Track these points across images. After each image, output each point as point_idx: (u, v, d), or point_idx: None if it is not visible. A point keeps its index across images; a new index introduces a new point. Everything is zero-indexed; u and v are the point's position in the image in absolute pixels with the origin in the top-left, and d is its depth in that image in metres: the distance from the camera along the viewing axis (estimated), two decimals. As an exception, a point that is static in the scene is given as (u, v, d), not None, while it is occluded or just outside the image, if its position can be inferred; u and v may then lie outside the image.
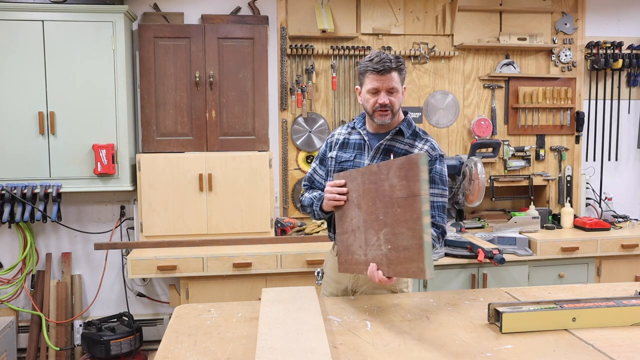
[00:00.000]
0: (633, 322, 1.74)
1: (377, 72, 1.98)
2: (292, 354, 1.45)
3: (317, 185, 2.23)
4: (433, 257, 3.25)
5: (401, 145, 2.07)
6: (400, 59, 2.01)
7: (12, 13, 3.22)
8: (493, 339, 1.64)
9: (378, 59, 1.98)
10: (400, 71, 2.01)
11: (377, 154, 2.07)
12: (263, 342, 1.53)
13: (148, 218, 3.38)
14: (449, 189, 3.75)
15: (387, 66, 1.96)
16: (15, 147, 3.28)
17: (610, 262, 3.59)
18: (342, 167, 2.11)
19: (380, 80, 1.98)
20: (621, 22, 4.15)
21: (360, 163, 2.09)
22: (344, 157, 2.13)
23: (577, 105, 4.07)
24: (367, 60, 2.01)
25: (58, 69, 3.27)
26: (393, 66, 1.97)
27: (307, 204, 2.17)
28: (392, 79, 1.98)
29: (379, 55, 1.99)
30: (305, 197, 2.20)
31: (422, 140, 2.09)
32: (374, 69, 1.98)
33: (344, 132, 2.20)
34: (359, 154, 2.11)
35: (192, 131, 3.47)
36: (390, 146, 2.07)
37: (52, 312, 3.58)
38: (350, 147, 2.14)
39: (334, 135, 2.22)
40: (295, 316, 1.74)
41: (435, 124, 3.97)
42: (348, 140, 2.16)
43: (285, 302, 1.88)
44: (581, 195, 4.10)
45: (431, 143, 2.09)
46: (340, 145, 2.16)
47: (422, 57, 3.83)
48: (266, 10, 3.71)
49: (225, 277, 3.22)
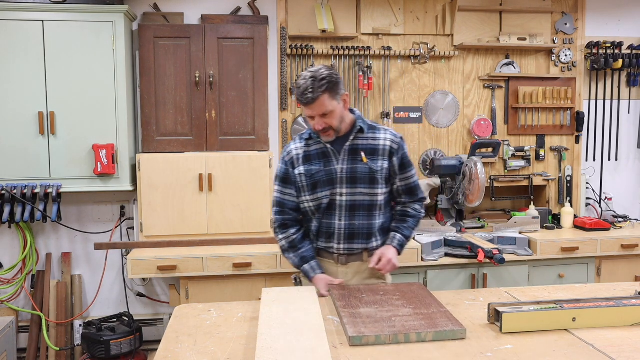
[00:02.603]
0: (633, 322, 1.74)
1: (304, 103, 2.03)
2: (293, 354, 1.45)
3: (289, 207, 2.20)
4: (433, 257, 3.29)
5: (365, 142, 2.14)
6: (331, 76, 2.01)
7: (12, 13, 3.21)
8: (493, 339, 1.64)
9: (304, 88, 1.99)
10: (330, 90, 2.01)
11: (345, 156, 2.13)
12: (263, 342, 1.53)
13: (148, 218, 3.38)
14: (449, 189, 3.76)
15: (312, 98, 1.98)
16: (15, 147, 3.28)
17: (610, 262, 3.58)
18: (315, 179, 2.13)
19: (310, 109, 2.03)
20: (621, 22, 4.15)
21: (333, 169, 2.12)
22: (313, 169, 2.14)
23: (577, 105, 4.07)
24: (297, 88, 2.04)
25: (58, 69, 3.27)
26: (320, 92, 1.98)
27: (294, 264, 2.21)
28: (322, 105, 2.01)
29: (307, 81, 1.99)
30: (291, 257, 2.21)
31: (380, 131, 2.19)
32: (300, 101, 2.03)
33: (301, 145, 2.19)
34: (327, 161, 2.14)
35: (192, 131, 3.47)
36: (355, 145, 2.14)
37: (52, 312, 3.58)
38: (314, 158, 2.16)
39: (291, 152, 2.20)
40: (295, 316, 1.74)
41: (435, 124, 3.97)
42: (309, 153, 2.16)
43: (285, 302, 1.88)
44: (581, 195, 4.10)
45: (390, 131, 2.21)
46: (303, 159, 2.16)
47: (422, 57, 3.83)
48: (266, 10, 3.71)
49: (225, 277, 3.22)
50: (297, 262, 2.20)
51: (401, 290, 2.02)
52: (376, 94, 3.88)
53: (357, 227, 2.15)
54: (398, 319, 1.72)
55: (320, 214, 2.16)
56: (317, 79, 1.99)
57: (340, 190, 2.12)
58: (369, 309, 1.81)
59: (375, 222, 2.18)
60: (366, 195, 2.13)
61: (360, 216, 2.15)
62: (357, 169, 2.12)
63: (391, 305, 1.85)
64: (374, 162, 2.13)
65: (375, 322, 1.69)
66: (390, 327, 1.65)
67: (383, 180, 2.15)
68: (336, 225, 2.15)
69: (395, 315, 1.75)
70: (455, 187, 3.70)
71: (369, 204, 2.15)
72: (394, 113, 3.91)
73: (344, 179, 2.12)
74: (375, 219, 2.17)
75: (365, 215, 2.15)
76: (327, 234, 2.18)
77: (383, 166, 2.14)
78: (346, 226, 2.15)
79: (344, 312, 1.78)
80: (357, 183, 2.12)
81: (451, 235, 3.48)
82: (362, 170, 2.11)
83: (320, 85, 1.99)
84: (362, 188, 2.12)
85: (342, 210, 2.14)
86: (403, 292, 2.00)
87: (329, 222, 2.16)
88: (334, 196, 2.13)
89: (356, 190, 2.12)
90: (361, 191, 2.12)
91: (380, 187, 2.15)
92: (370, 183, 2.12)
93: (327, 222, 2.16)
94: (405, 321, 1.69)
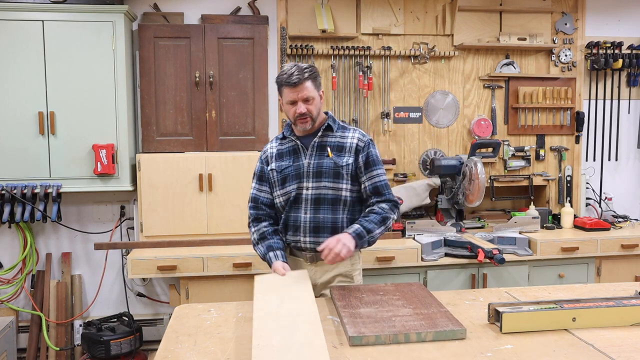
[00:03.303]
0: (633, 322, 1.74)
1: (291, 85, 2.12)
2: (289, 350, 1.45)
3: (263, 202, 2.29)
4: (433, 257, 3.29)
5: (333, 139, 2.23)
6: (313, 68, 2.18)
7: (12, 13, 3.22)
8: (493, 339, 1.64)
9: (290, 72, 2.12)
10: (314, 79, 2.16)
11: (313, 152, 2.22)
12: (259, 340, 1.52)
13: (148, 218, 3.38)
14: (449, 189, 3.76)
15: (299, 78, 2.11)
16: (15, 147, 3.28)
17: (610, 262, 3.58)
18: (285, 173, 2.24)
19: (295, 91, 2.13)
20: (621, 22, 4.15)
21: (300, 164, 2.22)
22: (283, 165, 2.25)
23: (577, 105, 4.07)
24: (282, 75, 2.15)
25: (58, 69, 3.27)
26: (305, 76, 2.12)
27: (260, 255, 2.27)
28: (306, 89, 2.13)
29: (291, 68, 2.14)
30: (259, 248, 2.27)
31: (349, 130, 2.26)
32: (287, 82, 2.13)
33: (275, 144, 2.32)
34: (296, 157, 2.24)
35: (192, 131, 3.47)
36: (323, 142, 2.23)
37: (52, 312, 3.58)
38: (285, 155, 2.27)
39: (267, 151, 2.33)
40: (290, 307, 1.76)
41: (435, 124, 3.97)
42: (282, 151, 2.28)
43: (278, 290, 1.91)
44: (581, 195, 4.10)
45: (359, 131, 2.28)
46: (276, 157, 2.29)
47: (422, 57, 3.83)
48: (266, 10, 3.71)
49: (225, 277, 3.22)
50: (263, 251, 2.24)
51: (401, 290, 2.02)
52: (376, 94, 3.88)
53: (322, 220, 2.20)
54: (398, 319, 1.72)
55: (288, 207, 2.23)
56: (301, 67, 2.14)
57: (306, 184, 2.20)
58: (369, 309, 1.81)
59: (340, 217, 2.21)
60: (330, 189, 2.19)
61: (325, 209, 2.21)
62: (322, 164, 2.20)
63: (391, 305, 1.85)
64: (340, 157, 2.20)
65: (375, 322, 1.69)
66: (390, 327, 1.65)
67: (348, 176, 2.20)
68: (302, 218, 2.21)
69: (395, 315, 1.75)
70: (455, 187, 3.70)
71: (333, 197, 2.20)
72: (394, 113, 3.91)
73: (310, 173, 2.20)
74: (339, 213, 2.21)
75: (329, 209, 2.21)
76: (294, 227, 2.24)
77: (348, 162, 2.20)
78: (311, 219, 2.20)
79: (344, 312, 1.78)
80: (322, 177, 2.19)
81: (451, 235, 3.48)
82: (328, 164, 2.19)
83: (305, 71, 2.13)
84: (326, 182, 2.19)
85: (307, 203, 2.20)
86: (403, 292, 2.00)
87: (295, 215, 2.22)
88: (300, 190, 2.21)
89: (321, 184, 2.19)
90: (325, 185, 2.19)
91: (344, 182, 2.20)
92: (334, 177, 2.19)
93: (294, 216, 2.23)
94: (405, 321, 1.69)
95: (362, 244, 2.14)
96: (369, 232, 2.14)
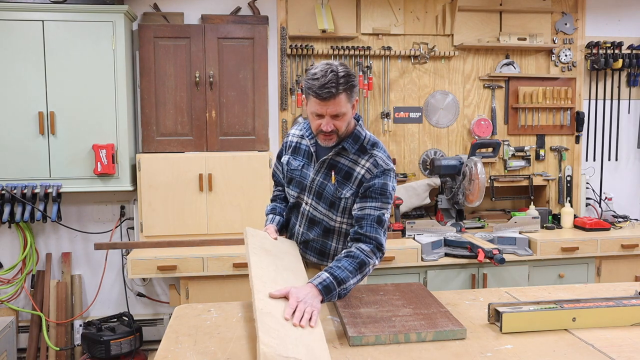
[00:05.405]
0: (633, 322, 1.74)
1: (321, 98, 1.79)
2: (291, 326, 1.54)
3: (277, 180, 2.30)
4: (433, 257, 3.28)
5: (345, 162, 1.97)
6: (351, 76, 1.81)
7: (12, 13, 3.21)
8: (493, 339, 1.64)
9: (322, 81, 1.76)
10: (350, 90, 1.81)
11: (321, 168, 2.01)
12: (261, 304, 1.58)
13: (148, 218, 3.38)
14: (449, 189, 3.76)
15: (331, 93, 1.76)
16: (15, 147, 3.28)
17: (610, 262, 3.59)
18: (292, 175, 2.11)
19: (324, 106, 1.80)
20: (621, 22, 4.15)
21: (307, 175, 2.05)
22: (293, 164, 2.10)
23: (577, 105, 4.07)
24: (310, 79, 1.80)
25: (58, 69, 3.27)
26: (340, 90, 1.78)
27: (265, 211, 2.28)
28: (337, 104, 1.80)
29: (325, 76, 1.76)
30: (268, 206, 2.29)
31: (366, 156, 1.95)
32: (317, 94, 1.78)
33: (298, 133, 2.14)
34: (307, 164, 2.06)
35: (192, 131, 3.47)
36: (334, 161, 1.98)
37: (52, 312, 3.58)
38: (300, 153, 2.10)
39: (289, 136, 2.18)
40: (286, 277, 1.80)
41: (435, 124, 3.97)
42: (299, 145, 2.11)
43: (269, 253, 1.93)
44: (581, 195, 4.10)
45: (374, 159, 1.94)
46: (293, 149, 2.13)
47: (422, 57, 3.83)
48: (266, 10, 3.71)
49: (225, 277, 3.22)
50: (267, 210, 2.25)
51: (401, 290, 2.02)
52: (376, 94, 3.88)
53: (312, 240, 2.10)
54: (398, 319, 1.72)
55: (290, 207, 2.18)
56: (339, 75, 1.77)
57: (306, 199, 2.07)
58: (369, 309, 1.81)
59: (330, 244, 2.09)
60: (324, 216, 2.04)
61: (316, 232, 2.08)
62: (324, 187, 2.00)
63: (391, 305, 1.85)
64: (343, 187, 1.97)
65: (375, 322, 1.69)
66: (390, 327, 1.65)
67: (345, 210, 2.00)
68: (297, 227, 2.15)
69: (395, 315, 1.75)
70: (455, 187, 3.70)
71: (326, 225, 2.05)
72: (394, 113, 3.91)
73: (312, 190, 2.03)
74: (330, 241, 2.09)
75: (320, 234, 2.08)
76: (291, 228, 2.20)
77: (347, 195, 1.96)
78: (303, 234, 2.12)
79: (344, 312, 1.78)
80: (321, 200, 2.02)
81: (451, 235, 3.48)
82: (328, 190, 1.99)
83: (342, 83, 1.78)
84: (322, 207, 2.03)
85: (303, 217, 2.10)
86: (403, 292, 2.00)
87: (294, 219, 2.17)
88: (301, 200, 2.10)
89: (318, 206, 2.04)
90: (321, 210, 2.04)
91: (336, 215, 2.01)
92: (329, 206, 2.01)
93: (293, 218, 2.18)
94: (405, 321, 1.69)
95: (330, 298, 1.74)
96: (341, 284, 1.75)
